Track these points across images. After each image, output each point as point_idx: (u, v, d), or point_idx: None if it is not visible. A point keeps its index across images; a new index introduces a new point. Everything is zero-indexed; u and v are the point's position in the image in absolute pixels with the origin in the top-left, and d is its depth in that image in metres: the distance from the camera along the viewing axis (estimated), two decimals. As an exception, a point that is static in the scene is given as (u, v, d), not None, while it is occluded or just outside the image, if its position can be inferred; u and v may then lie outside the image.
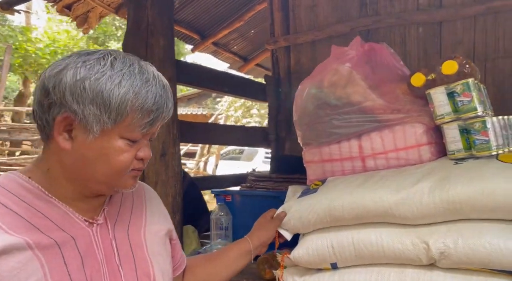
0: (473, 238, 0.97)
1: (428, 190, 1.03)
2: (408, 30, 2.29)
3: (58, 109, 0.71)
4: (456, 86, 1.06)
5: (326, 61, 1.34)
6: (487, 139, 1.03)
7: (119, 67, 0.72)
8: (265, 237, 1.16)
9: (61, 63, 0.73)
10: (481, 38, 2.09)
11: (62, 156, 0.74)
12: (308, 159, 1.32)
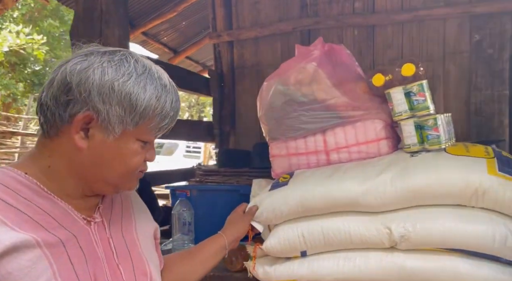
0: (429, 222, 1.09)
1: (390, 180, 1.13)
2: (345, 32, 2.44)
3: (79, 107, 0.69)
4: (412, 86, 1.17)
5: (291, 59, 1.39)
6: (438, 134, 1.16)
7: (141, 70, 0.73)
8: (239, 232, 1.17)
9: (83, 60, 0.71)
10: (408, 42, 2.30)
11: (72, 153, 0.72)
12: (275, 153, 1.36)
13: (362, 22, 2.38)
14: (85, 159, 0.72)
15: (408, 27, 2.30)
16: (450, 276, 1.08)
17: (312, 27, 2.49)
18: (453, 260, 1.08)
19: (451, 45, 2.21)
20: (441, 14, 2.20)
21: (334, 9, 2.46)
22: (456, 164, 1.11)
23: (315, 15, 2.49)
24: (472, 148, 1.19)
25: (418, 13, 2.24)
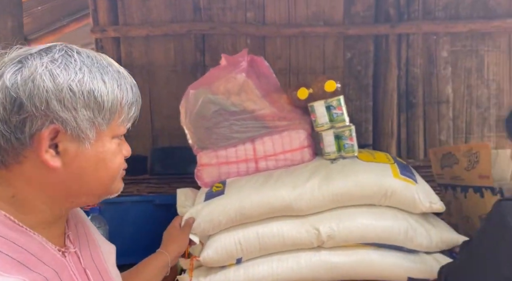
0: (350, 221, 1.22)
1: (318, 186, 1.22)
2: (238, 40, 2.49)
3: (39, 123, 0.56)
4: (332, 101, 1.28)
5: (217, 68, 1.36)
6: (353, 144, 1.31)
7: (89, 62, 0.61)
8: (180, 247, 1.11)
9: (18, 68, 0.56)
10: (295, 55, 2.49)
11: (42, 177, 0.59)
12: (204, 162, 1.32)
13: (255, 32, 2.46)
14: (62, 178, 0.60)
15: (295, 40, 2.48)
16: (367, 266, 1.23)
17: (208, 32, 2.47)
18: (368, 252, 1.24)
19: (330, 60, 2.47)
20: (322, 32, 2.44)
21: (228, 17, 2.49)
22: (369, 169, 1.27)
23: (210, 20, 2.48)
24: (376, 155, 1.37)
25: (303, 29, 2.43)
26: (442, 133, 2.46)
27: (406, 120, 2.46)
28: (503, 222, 0.81)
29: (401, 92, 2.45)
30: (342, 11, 2.47)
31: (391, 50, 2.44)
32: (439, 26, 2.43)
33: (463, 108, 2.49)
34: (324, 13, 2.47)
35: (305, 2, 2.48)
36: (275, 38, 2.48)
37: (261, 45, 2.49)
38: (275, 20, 2.49)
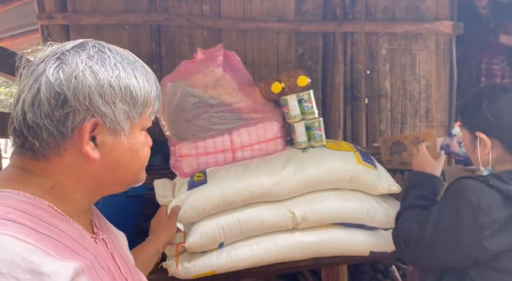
0: (321, 204, 1.34)
1: (292, 173, 1.31)
2: (195, 32, 2.49)
3: (81, 117, 0.59)
4: (304, 95, 1.37)
5: (194, 62, 1.38)
6: (321, 134, 1.41)
7: (119, 58, 0.64)
8: (169, 234, 1.13)
9: (58, 65, 0.58)
10: (250, 49, 2.55)
11: (81, 168, 0.62)
12: (184, 153, 1.34)
13: (211, 25, 2.48)
14: (99, 168, 0.63)
15: (250, 35, 2.54)
16: (335, 244, 1.35)
17: (164, 23, 2.44)
18: (336, 231, 1.36)
19: (283, 55, 2.58)
20: (276, 28, 2.53)
21: (183, 8, 2.47)
22: (336, 157, 1.39)
23: (165, 11, 2.44)
24: (340, 144, 1.50)
25: (258, 24, 2.50)
26: (382, 123, 2.70)
27: (351, 112, 2.65)
28: (463, 197, 0.96)
29: (347, 86, 2.63)
30: (294, 8, 2.58)
31: (338, 47, 2.61)
32: (379, 27, 2.64)
33: (399, 101, 2.74)
34: (277, 9, 2.56)
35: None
36: (231, 31, 2.52)
37: (217, 38, 2.52)
38: (230, 14, 2.52)
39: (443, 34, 2.72)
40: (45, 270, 0.50)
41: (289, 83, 1.36)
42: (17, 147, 0.61)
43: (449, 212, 0.99)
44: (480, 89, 1.15)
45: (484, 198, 0.95)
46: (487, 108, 1.04)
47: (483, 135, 1.05)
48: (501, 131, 1.03)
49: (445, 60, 2.76)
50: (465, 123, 1.12)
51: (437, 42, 2.75)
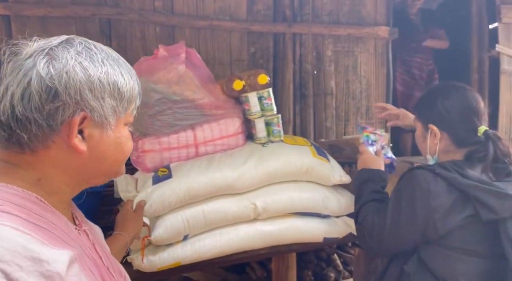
0: (280, 195, 1.41)
1: (254, 166, 1.37)
2: (147, 28, 2.46)
3: (71, 110, 0.60)
4: (264, 92, 1.44)
5: (156, 58, 1.38)
6: (279, 130, 1.49)
7: (105, 54, 0.65)
8: (136, 228, 1.13)
9: (48, 60, 0.59)
10: (204, 46, 2.56)
11: (68, 160, 0.62)
12: (147, 149, 1.33)
13: (164, 21, 2.45)
14: (85, 160, 0.64)
15: (203, 32, 2.56)
16: (293, 232, 1.44)
17: (114, 17, 2.37)
18: (294, 220, 1.45)
19: (236, 53, 2.62)
20: (228, 26, 2.57)
21: (135, 3, 2.42)
22: (293, 151, 1.47)
23: (116, 5, 2.38)
24: (297, 139, 1.59)
25: (212, 22, 2.52)
26: (328, 120, 2.86)
27: (300, 109, 2.77)
28: (416, 184, 1.08)
29: (296, 84, 2.75)
30: (246, 9, 2.64)
31: (288, 47, 2.71)
32: (325, 29, 2.79)
33: (343, 99, 2.92)
34: (229, 8, 2.60)
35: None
36: (184, 28, 2.52)
37: (170, 34, 2.50)
38: (183, 11, 2.52)
39: (380, 38, 2.93)
40: (44, 257, 0.51)
41: (249, 81, 1.42)
42: (1, 141, 0.60)
43: (405, 199, 1.10)
44: (436, 87, 1.27)
45: (433, 185, 1.06)
46: (441, 103, 1.15)
47: (435, 127, 1.17)
48: (451, 124, 1.15)
49: (383, 62, 2.98)
50: (420, 115, 1.24)
51: (375, 45, 2.96)
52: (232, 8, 2.61)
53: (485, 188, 1.02)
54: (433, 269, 1.07)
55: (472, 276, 1.04)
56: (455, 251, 1.05)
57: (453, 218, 1.04)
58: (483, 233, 1.05)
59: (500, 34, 3.04)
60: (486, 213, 1.01)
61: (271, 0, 2.69)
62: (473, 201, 1.03)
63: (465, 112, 1.15)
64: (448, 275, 1.05)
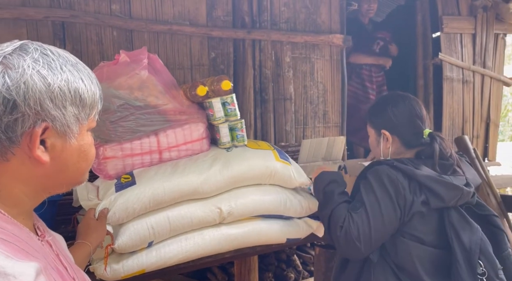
0: (244, 198, 1.43)
1: (219, 171, 1.38)
2: (104, 31, 2.38)
3: (32, 121, 0.58)
4: (227, 98, 1.45)
5: (116, 64, 1.34)
6: (243, 134, 1.50)
7: (61, 60, 0.63)
8: (100, 236, 1.10)
9: (2, 67, 0.56)
10: (163, 51, 2.53)
11: (30, 172, 0.61)
12: (109, 155, 1.29)
13: (122, 25, 2.39)
14: (47, 171, 0.62)
15: (162, 37, 2.52)
16: (257, 234, 1.46)
17: (68, 20, 2.28)
18: (258, 223, 1.47)
19: (196, 58, 2.61)
20: (188, 31, 2.56)
21: (90, 6, 2.34)
22: (257, 155, 1.49)
23: (70, 7, 2.29)
24: (260, 143, 1.61)
25: (171, 27, 2.50)
26: (287, 124, 2.92)
27: (260, 114, 2.81)
28: (385, 177, 1.15)
29: (257, 89, 2.78)
30: (205, 14, 2.64)
31: (247, 53, 2.74)
32: (283, 36, 2.85)
33: (301, 104, 2.99)
34: (189, 13, 2.59)
35: (171, 0, 2.55)
36: (143, 32, 2.47)
37: (128, 38, 2.44)
38: (141, 15, 2.47)
39: (335, 45, 3.04)
40: (10, 270, 0.49)
41: (213, 87, 1.42)
42: None
43: (380, 194, 1.16)
44: (385, 97, 1.38)
45: (398, 175, 1.15)
46: (391, 111, 1.26)
47: (387, 132, 1.28)
48: (400, 129, 1.27)
49: (338, 69, 3.09)
50: (372, 123, 1.34)
51: (331, 52, 3.07)
52: (191, 13, 2.59)
53: (435, 179, 1.13)
54: (392, 256, 1.14)
55: (425, 262, 1.12)
56: (412, 239, 1.14)
57: (415, 202, 1.12)
58: (433, 224, 1.14)
59: (443, 43, 3.26)
60: (435, 201, 1.11)
61: (230, 7, 2.71)
62: (424, 190, 1.12)
63: (411, 118, 1.27)
64: (404, 260, 1.13)
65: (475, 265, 1.05)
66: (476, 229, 1.10)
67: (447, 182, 1.13)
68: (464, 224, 1.11)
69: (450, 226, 1.10)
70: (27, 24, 2.20)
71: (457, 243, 1.08)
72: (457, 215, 1.12)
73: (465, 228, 1.10)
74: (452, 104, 3.33)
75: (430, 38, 3.38)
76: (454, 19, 3.34)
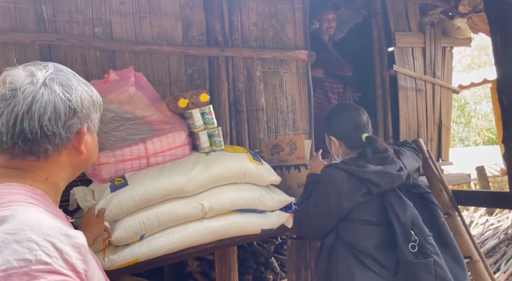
0: (224, 195, 1.62)
1: (200, 172, 1.57)
2: (88, 52, 2.54)
3: (80, 123, 0.77)
4: (205, 109, 1.64)
5: (106, 82, 1.52)
6: (220, 140, 1.70)
7: (81, 78, 0.83)
8: (99, 230, 1.26)
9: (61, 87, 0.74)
10: (143, 69, 2.70)
11: (74, 161, 0.79)
12: (103, 162, 1.45)
13: (104, 46, 2.56)
14: (82, 159, 0.81)
15: (142, 56, 2.70)
16: (235, 226, 1.65)
17: (54, 43, 2.42)
18: (236, 216, 1.66)
19: (174, 74, 2.80)
20: (166, 50, 2.75)
21: (75, 30, 2.50)
22: (233, 158, 1.69)
23: (56, 31, 2.44)
24: (235, 148, 1.81)
25: (151, 47, 2.68)
26: (260, 133, 3.13)
27: (235, 124, 3.01)
28: (326, 178, 1.38)
29: (231, 101, 2.99)
30: (181, 34, 2.84)
31: (222, 69, 2.95)
32: (254, 53, 3.08)
33: (272, 114, 3.22)
34: (166, 34, 2.78)
35: (149, 23, 2.74)
36: (124, 52, 2.64)
37: (110, 58, 2.61)
38: (122, 37, 2.64)
39: (301, 60, 3.31)
40: (71, 233, 0.64)
41: (193, 99, 1.62)
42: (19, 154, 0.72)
43: (320, 190, 1.41)
44: (332, 108, 1.63)
45: (338, 177, 1.38)
46: (335, 121, 1.52)
47: (334, 138, 1.52)
48: (343, 135, 1.52)
49: (304, 81, 3.35)
50: (325, 130, 1.59)
51: (297, 67, 3.33)
52: (168, 34, 2.79)
53: (371, 171, 1.36)
54: (347, 239, 1.36)
55: (373, 241, 1.33)
56: (359, 222, 1.35)
57: (353, 197, 1.34)
58: (375, 206, 1.36)
59: (396, 56, 3.59)
60: (374, 188, 1.33)
61: (204, 27, 2.93)
62: (365, 182, 1.34)
63: (351, 126, 1.51)
64: (356, 241, 1.34)
65: (409, 235, 1.28)
66: (409, 205, 1.32)
67: (381, 171, 1.36)
68: (400, 203, 1.33)
69: (389, 206, 1.32)
70: (15, 48, 2.34)
71: (395, 219, 1.30)
72: (394, 196, 1.35)
73: (401, 206, 1.32)
74: (407, 111, 3.64)
75: (385, 52, 3.71)
76: (405, 35, 3.68)
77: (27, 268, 0.54)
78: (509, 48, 2.10)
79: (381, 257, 1.31)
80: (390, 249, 1.32)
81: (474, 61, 16.48)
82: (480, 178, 6.44)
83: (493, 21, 2.18)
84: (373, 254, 1.32)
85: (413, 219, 1.29)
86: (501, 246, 4.40)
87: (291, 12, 3.27)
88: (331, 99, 3.68)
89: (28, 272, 0.54)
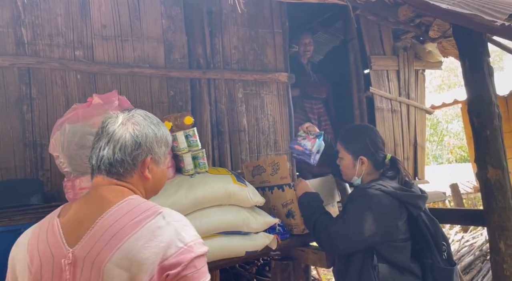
0: (208, 218, 1.60)
1: (184, 194, 1.55)
2: (68, 75, 2.52)
3: (145, 154, 0.99)
4: (190, 131, 1.65)
5: (89, 106, 1.50)
6: (204, 162, 1.70)
7: (154, 119, 1.05)
8: None
9: (133, 127, 0.98)
10: (125, 91, 2.69)
11: (144, 183, 1.01)
12: (85, 186, 1.42)
13: (85, 69, 2.54)
14: (150, 184, 1.03)
15: (124, 78, 2.69)
16: (220, 249, 1.63)
17: (34, 66, 2.39)
18: (220, 239, 1.64)
19: (156, 96, 2.80)
20: (148, 73, 2.76)
21: (55, 53, 2.48)
22: (217, 180, 1.69)
23: (36, 54, 2.41)
24: (219, 169, 1.81)
25: (132, 69, 2.68)
26: (242, 153, 3.14)
27: (218, 145, 3.01)
28: (372, 197, 1.47)
29: (213, 122, 3.00)
30: (163, 57, 2.86)
31: (204, 91, 2.97)
32: (235, 75, 3.13)
33: (254, 135, 3.24)
34: (148, 57, 2.80)
35: (131, 46, 2.75)
36: (105, 75, 2.63)
37: (91, 81, 2.59)
38: (104, 59, 2.64)
39: (281, 82, 3.37)
40: (187, 222, 0.97)
41: (177, 122, 1.62)
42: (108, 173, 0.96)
43: (365, 211, 1.48)
44: (359, 127, 1.75)
45: (383, 199, 1.49)
46: (369, 140, 1.62)
47: (364, 158, 1.61)
48: (374, 155, 1.63)
49: (284, 102, 3.40)
50: (348, 149, 1.65)
51: (278, 88, 3.39)
52: (150, 57, 2.80)
53: (409, 195, 1.46)
54: (388, 257, 1.45)
55: (408, 254, 1.49)
56: (398, 241, 1.49)
57: (397, 219, 1.46)
58: (408, 224, 1.51)
59: (372, 78, 3.71)
60: (415, 210, 1.49)
61: (186, 50, 2.96)
62: (406, 204, 1.45)
63: (380, 145, 1.60)
64: (398, 259, 1.48)
65: (441, 246, 1.51)
66: (436, 221, 1.54)
67: (417, 194, 1.53)
68: (429, 219, 1.55)
69: (422, 223, 1.51)
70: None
71: (429, 233, 1.50)
72: (425, 215, 1.55)
73: (430, 221, 1.54)
74: (384, 131, 3.74)
75: (362, 74, 3.83)
76: (380, 58, 3.83)
77: (199, 239, 0.92)
78: (477, 71, 2.22)
79: (414, 267, 1.48)
80: (414, 259, 1.51)
81: (445, 82, 17.22)
82: (454, 195, 6.62)
83: (462, 46, 2.30)
84: (410, 265, 1.48)
85: (442, 232, 1.53)
86: (477, 263, 4.49)
87: (271, 36, 3.35)
88: (311, 120, 3.75)
89: (200, 242, 0.92)
